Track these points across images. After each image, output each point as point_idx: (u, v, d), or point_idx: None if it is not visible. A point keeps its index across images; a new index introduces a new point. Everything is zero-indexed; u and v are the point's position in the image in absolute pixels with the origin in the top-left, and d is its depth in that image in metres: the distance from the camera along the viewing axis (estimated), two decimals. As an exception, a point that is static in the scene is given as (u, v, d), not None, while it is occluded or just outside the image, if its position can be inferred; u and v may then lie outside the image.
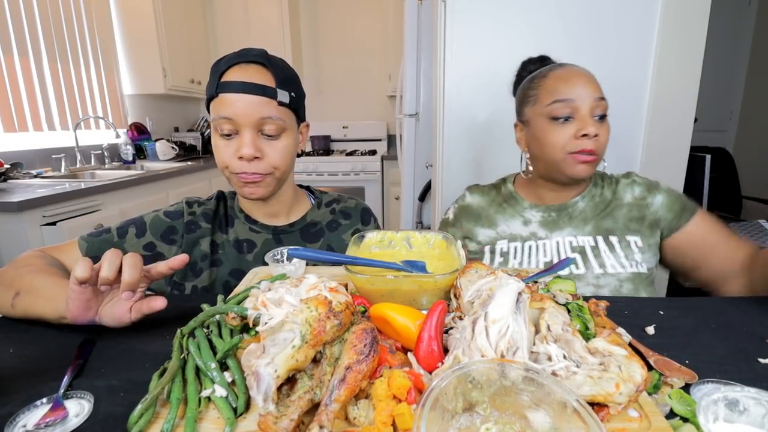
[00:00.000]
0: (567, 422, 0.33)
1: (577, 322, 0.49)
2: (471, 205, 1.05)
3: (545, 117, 0.87)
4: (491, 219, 1.01)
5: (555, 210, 0.96)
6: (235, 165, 0.80)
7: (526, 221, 0.98)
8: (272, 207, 0.92)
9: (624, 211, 0.93)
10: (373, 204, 3.59)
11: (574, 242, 0.92)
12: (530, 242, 0.95)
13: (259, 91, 0.77)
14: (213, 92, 0.78)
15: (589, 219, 0.94)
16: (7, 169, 2.09)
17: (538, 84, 0.90)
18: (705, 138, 2.64)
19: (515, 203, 1.00)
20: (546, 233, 0.95)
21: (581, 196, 0.95)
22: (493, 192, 1.05)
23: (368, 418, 0.39)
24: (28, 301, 0.66)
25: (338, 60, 4.03)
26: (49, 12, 2.48)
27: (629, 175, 0.98)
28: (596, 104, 0.85)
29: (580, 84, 0.85)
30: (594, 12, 1.41)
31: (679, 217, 0.90)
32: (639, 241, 0.90)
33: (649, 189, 0.94)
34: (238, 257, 0.89)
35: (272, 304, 0.45)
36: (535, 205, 0.98)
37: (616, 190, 0.96)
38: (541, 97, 0.88)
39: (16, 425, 0.42)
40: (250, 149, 0.77)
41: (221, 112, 0.77)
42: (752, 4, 3.40)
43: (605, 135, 0.86)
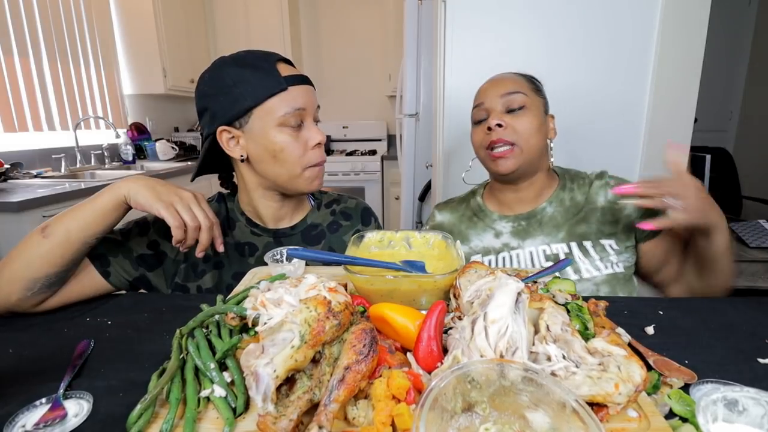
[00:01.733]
0: (566, 422, 0.33)
1: (576, 322, 0.49)
2: (442, 224, 1.05)
3: (472, 124, 0.96)
4: (464, 235, 1.00)
5: (524, 218, 0.95)
6: (313, 155, 0.82)
7: (497, 233, 0.96)
8: (285, 209, 0.92)
9: (597, 215, 0.91)
10: (373, 204, 3.59)
11: (548, 250, 0.91)
12: (503, 253, 0.94)
13: (311, 82, 0.84)
14: (280, 87, 0.77)
15: (561, 225, 0.92)
16: (7, 169, 2.10)
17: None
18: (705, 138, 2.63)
19: (484, 216, 1.00)
20: (518, 242, 0.94)
21: (548, 202, 0.94)
22: (462, 207, 1.05)
23: (367, 419, 0.39)
24: (64, 223, 0.69)
25: (338, 60, 4.03)
26: (49, 12, 2.48)
27: (602, 176, 0.96)
28: (505, 100, 0.88)
29: (491, 87, 0.91)
30: (594, 12, 1.41)
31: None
32: (614, 243, 0.89)
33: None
34: (240, 260, 0.89)
35: (271, 304, 0.45)
36: (504, 216, 0.97)
37: (589, 192, 0.94)
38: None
39: (15, 425, 0.42)
40: (322, 135, 0.83)
41: (295, 104, 0.78)
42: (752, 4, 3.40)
43: (521, 124, 0.87)
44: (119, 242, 0.82)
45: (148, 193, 0.70)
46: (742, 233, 1.81)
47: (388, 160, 3.56)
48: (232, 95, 0.77)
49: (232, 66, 0.79)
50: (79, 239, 0.70)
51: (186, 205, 0.72)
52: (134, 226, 0.85)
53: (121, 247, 0.81)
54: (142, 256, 0.83)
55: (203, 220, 0.73)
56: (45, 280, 0.68)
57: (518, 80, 0.91)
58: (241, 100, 0.77)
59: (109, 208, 0.71)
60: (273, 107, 0.77)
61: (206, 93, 0.80)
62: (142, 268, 0.83)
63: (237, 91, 0.77)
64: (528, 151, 0.87)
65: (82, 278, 0.75)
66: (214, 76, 0.80)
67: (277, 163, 0.80)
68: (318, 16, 3.96)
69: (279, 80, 0.77)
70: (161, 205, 0.70)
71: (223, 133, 0.80)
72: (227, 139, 0.81)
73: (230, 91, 0.77)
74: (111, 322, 0.67)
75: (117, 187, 0.71)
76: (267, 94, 0.76)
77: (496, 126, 0.87)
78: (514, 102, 0.88)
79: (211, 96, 0.80)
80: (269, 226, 0.92)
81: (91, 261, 0.77)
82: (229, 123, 0.79)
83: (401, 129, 2.45)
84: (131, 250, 0.82)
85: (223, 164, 0.91)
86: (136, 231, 0.85)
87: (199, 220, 0.72)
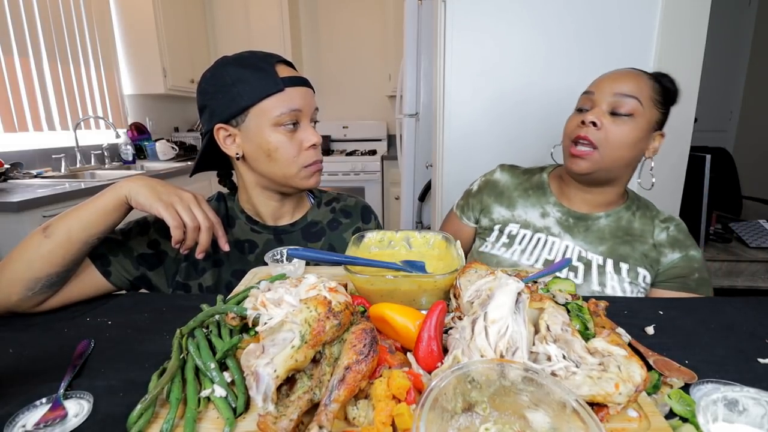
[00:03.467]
0: (566, 422, 0.33)
1: (576, 322, 0.49)
2: (498, 182, 1.04)
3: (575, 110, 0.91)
4: (512, 200, 1.00)
5: (576, 217, 0.93)
6: (308, 156, 0.83)
7: (544, 213, 0.95)
8: (285, 207, 0.93)
9: (645, 247, 0.89)
10: (373, 204, 3.59)
11: (583, 254, 0.89)
12: (540, 234, 0.93)
13: (310, 84, 0.85)
14: (276, 87, 0.78)
15: (606, 240, 0.90)
16: (7, 169, 2.09)
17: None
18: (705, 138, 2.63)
19: (542, 194, 0.98)
20: (559, 232, 0.93)
21: (606, 214, 0.92)
22: (524, 176, 1.04)
23: (368, 418, 0.39)
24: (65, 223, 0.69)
25: (338, 60, 4.03)
26: (49, 12, 2.48)
27: (669, 221, 0.92)
28: (614, 100, 0.82)
29: (608, 80, 0.85)
30: (594, 12, 1.41)
31: (669, 282, 0.87)
32: (648, 277, 0.87)
33: (672, 244, 0.88)
34: (240, 258, 0.89)
35: (272, 304, 0.45)
36: (560, 204, 0.95)
37: (647, 228, 0.91)
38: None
39: (15, 425, 0.42)
40: (318, 136, 0.83)
41: (291, 105, 0.79)
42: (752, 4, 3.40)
43: (617, 133, 0.82)
44: (120, 242, 0.82)
45: (148, 193, 0.71)
46: (742, 233, 1.81)
47: (388, 160, 3.56)
48: (230, 94, 0.78)
49: (232, 65, 0.79)
50: (81, 239, 0.70)
51: (186, 206, 0.72)
52: (134, 225, 0.86)
53: (121, 247, 0.81)
54: (142, 255, 0.83)
55: (203, 220, 0.73)
56: (46, 280, 0.68)
57: (642, 83, 0.84)
58: (238, 99, 0.78)
59: (111, 208, 0.71)
60: (269, 107, 0.78)
61: (206, 91, 0.82)
62: (142, 267, 0.83)
63: (235, 90, 0.78)
64: (610, 161, 0.84)
65: (83, 278, 0.75)
66: (214, 74, 0.81)
67: (271, 162, 0.81)
68: (318, 16, 3.96)
69: (276, 81, 0.78)
70: (161, 205, 0.70)
71: (220, 130, 0.81)
72: (224, 136, 0.82)
73: (229, 89, 0.78)
74: (111, 322, 0.67)
75: (118, 187, 0.71)
76: (263, 94, 0.77)
77: (590, 123, 0.83)
78: (622, 106, 0.82)
79: (210, 94, 0.81)
80: (269, 224, 0.93)
81: (92, 261, 0.77)
82: (226, 121, 0.80)
83: (401, 129, 2.45)
84: (132, 249, 0.82)
85: (222, 162, 0.92)
86: (136, 230, 0.85)
87: (199, 221, 0.72)
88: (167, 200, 0.71)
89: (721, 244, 1.79)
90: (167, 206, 0.70)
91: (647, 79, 0.85)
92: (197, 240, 0.73)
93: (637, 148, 0.84)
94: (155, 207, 0.70)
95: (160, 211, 0.70)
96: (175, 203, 0.71)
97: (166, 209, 0.70)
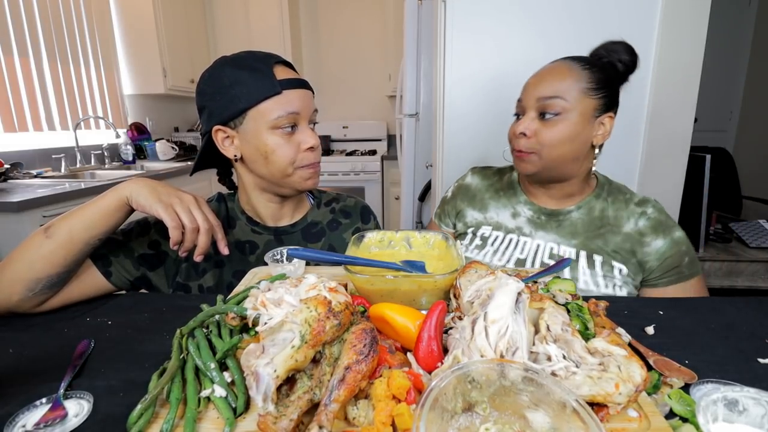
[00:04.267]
0: (566, 422, 0.33)
1: (576, 322, 0.49)
2: (470, 186, 1.06)
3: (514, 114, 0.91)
4: (484, 203, 1.01)
5: (546, 214, 0.93)
6: (305, 157, 0.82)
7: (515, 214, 0.97)
8: (285, 208, 0.92)
9: (618, 239, 0.87)
10: (373, 204, 3.59)
11: (555, 249, 0.89)
12: (512, 235, 0.95)
13: (309, 86, 0.84)
14: (274, 90, 0.77)
15: (578, 234, 0.90)
16: (7, 169, 2.09)
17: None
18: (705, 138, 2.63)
19: (512, 195, 0.99)
20: (530, 231, 0.94)
21: (577, 206, 0.91)
22: (495, 177, 1.05)
23: (368, 418, 0.39)
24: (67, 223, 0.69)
25: (338, 60, 4.03)
26: (49, 12, 2.48)
27: (645, 204, 0.89)
28: (540, 105, 0.83)
29: (532, 84, 0.86)
30: (594, 12, 1.41)
31: (665, 275, 0.85)
32: (624, 270, 0.85)
33: (654, 229, 0.86)
34: (241, 259, 0.89)
35: (272, 304, 0.45)
36: (530, 203, 0.96)
37: (620, 214, 0.89)
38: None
39: (15, 425, 0.42)
40: (316, 139, 0.83)
41: (288, 108, 0.78)
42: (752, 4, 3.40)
43: (548, 135, 0.82)
44: (120, 242, 0.82)
45: (148, 193, 0.71)
46: (742, 233, 1.81)
47: (388, 160, 3.56)
48: (228, 96, 0.78)
49: (230, 66, 0.79)
50: (82, 240, 0.70)
51: (185, 207, 0.72)
52: (136, 225, 0.86)
53: (122, 247, 0.81)
54: (143, 255, 0.83)
55: (202, 222, 0.72)
56: (47, 281, 0.68)
57: (567, 77, 0.83)
58: (236, 101, 0.77)
59: (112, 209, 0.71)
60: (266, 110, 0.77)
61: (205, 92, 0.81)
62: (143, 267, 0.83)
63: (233, 92, 0.77)
64: (550, 160, 0.84)
65: (83, 278, 0.76)
66: (212, 75, 0.80)
67: (268, 164, 0.81)
68: (318, 17, 3.96)
69: (274, 83, 0.77)
70: (160, 206, 0.70)
71: (218, 132, 0.81)
72: (222, 138, 0.82)
73: (227, 91, 0.78)
74: (111, 322, 0.67)
75: (120, 189, 0.71)
76: (261, 97, 0.77)
77: (520, 135, 0.85)
78: (548, 107, 0.83)
79: (209, 95, 0.80)
80: (269, 225, 0.93)
81: (93, 261, 0.77)
82: (225, 123, 0.80)
83: (401, 129, 2.45)
84: (133, 250, 0.83)
85: (222, 161, 0.93)
86: (137, 231, 0.85)
87: (198, 222, 0.72)
88: (167, 201, 0.71)
89: (721, 244, 1.79)
90: (166, 207, 0.70)
91: (577, 69, 0.84)
92: (196, 242, 0.73)
93: (577, 142, 0.83)
94: (155, 208, 0.70)
95: (159, 212, 0.70)
96: (174, 204, 0.71)
97: (165, 210, 0.70)
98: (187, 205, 0.72)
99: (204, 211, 0.74)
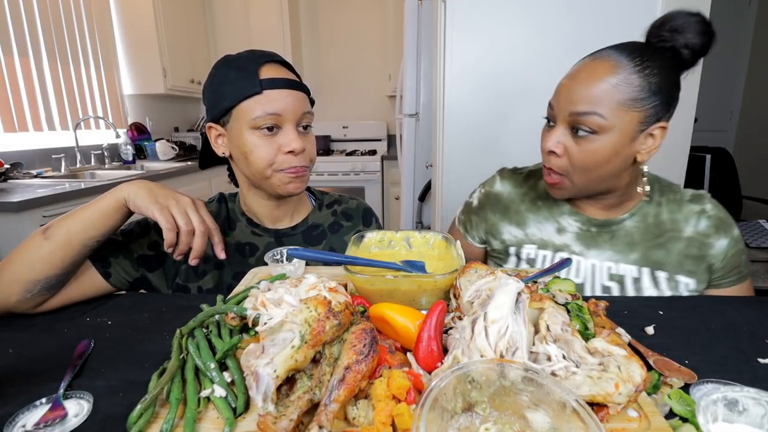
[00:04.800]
0: (566, 422, 0.33)
1: (576, 322, 0.49)
2: (500, 195, 0.91)
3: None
4: (521, 217, 0.87)
5: (597, 225, 0.81)
6: (283, 160, 0.80)
7: (560, 228, 0.84)
8: (282, 209, 0.91)
9: (681, 245, 0.78)
10: (373, 204, 3.59)
11: (614, 269, 0.80)
12: (562, 253, 0.83)
13: (300, 87, 0.82)
14: (254, 89, 0.77)
15: (636, 244, 0.79)
16: (7, 169, 2.09)
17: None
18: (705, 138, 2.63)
19: (553, 204, 0.85)
20: (581, 249, 0.82)
21: (630, 214, 0.80)
22: (528, 183, 0.90)
23: (367, 418, 0.39)
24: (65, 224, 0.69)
25: (338, 60, 4.03)
26: (49, 12, 2.48)
27: (700, 200, 0.80)
28: (572, 119, 0.71)
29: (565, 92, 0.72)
30: (594, 12, 1.41)
31: (728, 276, 0.80)
32: (693, 284, 0.78)
33: (717, 228, 0.79)
34: (241, 261, 0.89)
35: (272, 304, 0.45)
36: (576, 213, 0.83)
37: (677, 216, 0.80)
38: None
39: (15, 425, 0.42)
40: (299, 143, 0.79)
41: (267, 109, 0.77)
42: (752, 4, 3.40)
43: (577, 156, 0.71)
44: (120, 243, 0.82)
45: (146, 195, 0.71)
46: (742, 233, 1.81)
47: (388, 160, 3.56)
48: (218, 93, 0.80)
49: (223, 65, 0.81)
50: (81, 241, 0.70)
51: (182, 209, 0.71)
52: (135, 226, 0.86)
53: (122, 248, 0.81)
54: (142, 256, 0.83)
55: (198, 224, 0.72)
56: (45, 282, 0.68)
57: (607, 88, 0.67)
58: (223, 99, 0.79)
59: (110, 211, 0.71)
60: (247, 109, 0.77)
61: (204, 89, 0.84)
62: (142, 268, 0.83)
63: (221, 90, 0.79)
64: (583, 184, 0.74)
65: (82, 279, 0.75)
66: (211, 73, 0.83)
67: (248, 164, 0.81)
68: (318, 16, 3.96)
69: (255, 83, 0.77)
70: (156, 207, 0.70)
71: (211, 129, 0.83)
72: (215, 136, 0.84)
73: (217, 89, 0.80)
74: (111, 322, 0.67)
75: (118, 190, 0.71)
76: (242, 96, 0.77)
77: (549, 153, 0.74)
78: (582, 124, 0.69)
79: (206, 93, 0.83)
80: (268, 226, 0.92)
81: (92, 262, 0.77)
82: (216, 120, 0.82)
83: (401, 129, 2.45)
84: (132, 251, 0.83)
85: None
86: (137, 231, 0.85)
87: (194, 224, 0.71)
88: (163, 203, 0.71)
89: (721, 244, 1.79)
90: (162, 208, 0.70)
91: (625, 71, 0.67)
92: (191, 245, 0.72)
93: (618, 160, 0.71)
94: (151, 209, 0.70)
95: (155, 213, 0.69)
96: (171, 206, 0.71)
97: (160, 211, 0.69)
98: (183, 207, 0.72)
99: (201, 214, 0.73)
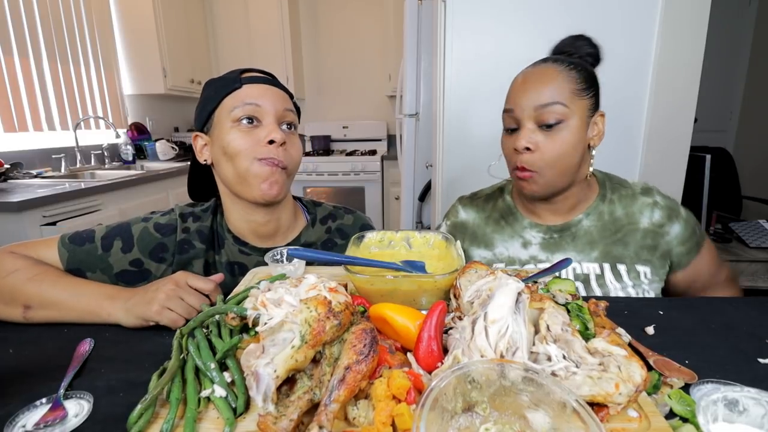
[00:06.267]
0: (566, 422, 0.33)
1: (576, 323, 0.49)
2: (466, 223, 0.95)
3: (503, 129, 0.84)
4: (488, 239, 0.92)
5: (557, 231, 0.87)
6: (262, 150, 0.76)
7: (525, 242, 0.89)
8: (270, 226, 0.86)
9: (638, 237, 0.84)
10: (373, 204, 3.59)
11: (578, 269, 0.84)
12: (529, 266, 0.87)
13: (280, 85, 0.84)
14: (234, 86, 0.78)
15: (597, 242, 0.85)
16: (7, 169, 2.09)
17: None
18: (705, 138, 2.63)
19: (514, 221, 0.91)
20: (547, 256, 0.87)
21: (585, 214, 0.86)
22: (489, 206, 0.96)
23: (368, 419, 0.39)
24: (49, 315, 0.69)
25: (338, 60, 4.03)
26: (49, 12, 2.48)
27: (650, 193, 0.87)
28: (538, 114, 0.76)
29: (523, 93, 0.78)
30: (594, 12, 1.41)
31: (690, 252, 0.85)
32: (649, 272, 0.83)
33: (669, 216, 0.85)
34: (233, 281, 0.83)
35: (272, 304, 0.45)
36: (536, 225, 0.88)
37: (631, 210, 0.85)
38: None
39: (15, 425, 0.42)
40: (279, 134, 0.77)
41: (246, 99, 0.77)
42: (752, 4, 3.40)
43: (553, 147, 0.76)
44: (99, 256, 0.79)
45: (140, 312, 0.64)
46: (742, 233, 1.81)
47: (388, 160, 3.56)
48: (203, 104, 0.83)
49: (209, 83, 0.84)
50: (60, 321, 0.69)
51: (175, 298, 0.64)
52: (117, 239, 0.81)
53: (99, 263, 0.78)
54: (123, 272, 0.80)
55: (198, 305, 0.65)
56: None
57: (561, 80, 0.76)
58: (206, 104, 0.81)
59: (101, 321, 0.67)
60: (227, 105, 0.79)
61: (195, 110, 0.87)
62: (122, 282, 0.79)
63: (205, 100, 0.82)
64: (556, 175, 0.79)
65: None
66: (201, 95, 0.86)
67: (228, 160, 0.78)
68: (318, 16, 3.96)
69: (235, 80, 0.79)
70: (153, 316, 0.64)
71: (197, 138, 0.84)
72: (201, 146, 0.84)
73: (203, 101, 0.83)
74: (111, 322, 0.67)
75: (107, 315, 0.67)
76: (223, 94, 0.79)
77: (523, 149, 0.77)
78: (548, 116, 0.75)
79: (195, 112, 0.86)
80: (258, 245, 0.86)
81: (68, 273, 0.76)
82: (201, 129, 0.84)
83: (401, 129, 2.45)
84: (111, 266, 0.79)
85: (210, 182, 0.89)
86: (118, 246, 0.80)
87: (195, 306, 0.65)
88: (157, 308, 0.64)
89: (721, 244, 1.79)
90: (159, 313, 0.63)
91: (564, 70, 0.77)
92: None
93: (579, 148, 0.78)
94: (153, 320, 0.64)
95: (159, 322, 0.64)
96: (163, 302, 0.64)
97: (159, 315, 0.63)
98: (175, 294, 0.65)
99: (196, 287, 0.67)
